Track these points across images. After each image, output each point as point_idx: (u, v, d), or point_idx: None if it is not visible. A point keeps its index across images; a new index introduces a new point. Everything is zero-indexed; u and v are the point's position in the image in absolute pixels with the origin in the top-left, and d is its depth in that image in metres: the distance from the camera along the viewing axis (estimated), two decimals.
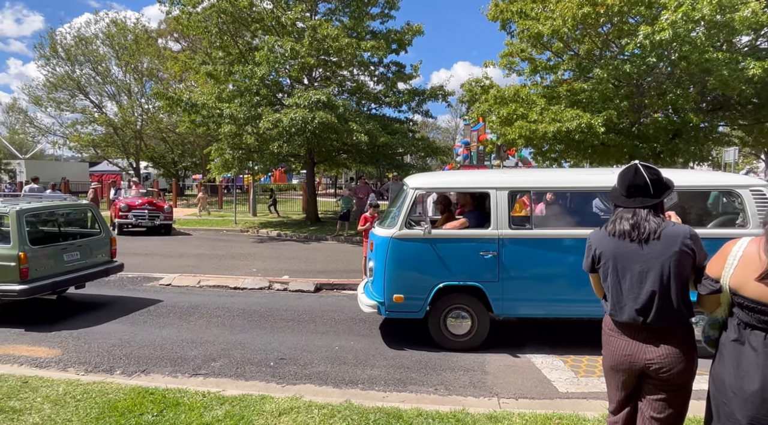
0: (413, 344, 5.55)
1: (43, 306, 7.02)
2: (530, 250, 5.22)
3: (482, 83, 15.66)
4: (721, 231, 5.10)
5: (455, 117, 59.81)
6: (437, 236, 5.32)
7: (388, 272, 5.31)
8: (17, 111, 34.68)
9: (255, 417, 3.66)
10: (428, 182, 5.80)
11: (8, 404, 3.82)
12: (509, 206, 5.27)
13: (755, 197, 4.94)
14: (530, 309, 5.45)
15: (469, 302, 5.36)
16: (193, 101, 15.23)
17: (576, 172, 6.31)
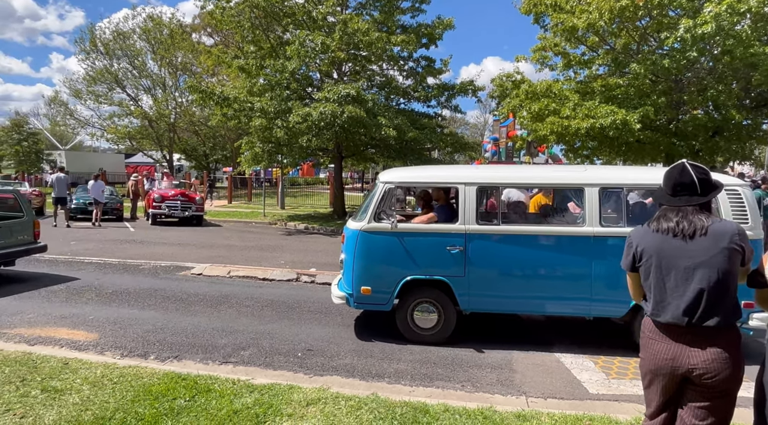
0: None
1: (82, 292, 7.28)
2: (497, 246, 5.22)
3: (513, 78, 15.41)
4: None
5: (484, 113, 59.16)
6: (404, 230, 5.35)
7: (357, 264, 5.38)
8: (59, 103, 36.02)
9: (283, 406, 3.71)
10: (398, 176, 5.80)
11: (51, 384, 3.98)
12: (477, 202, 5.26)
13: (730, 197, 4.81)
14: (496, 305, 5.44)
15: (435, 296, 5.37)
16: (225, 95, 15.49)
17: (545, 169, 6.27)
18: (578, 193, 5.22)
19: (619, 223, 5.08)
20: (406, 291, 5.38)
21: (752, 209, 4.81)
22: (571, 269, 5.10)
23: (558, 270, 5.16)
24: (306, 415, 3.60)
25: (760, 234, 4.81)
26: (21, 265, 9.00)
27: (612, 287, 4.98)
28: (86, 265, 9.26)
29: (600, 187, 5.05)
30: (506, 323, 6.29)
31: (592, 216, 5.02)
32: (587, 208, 5.05)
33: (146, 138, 33.58)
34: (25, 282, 7.74)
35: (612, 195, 5.22)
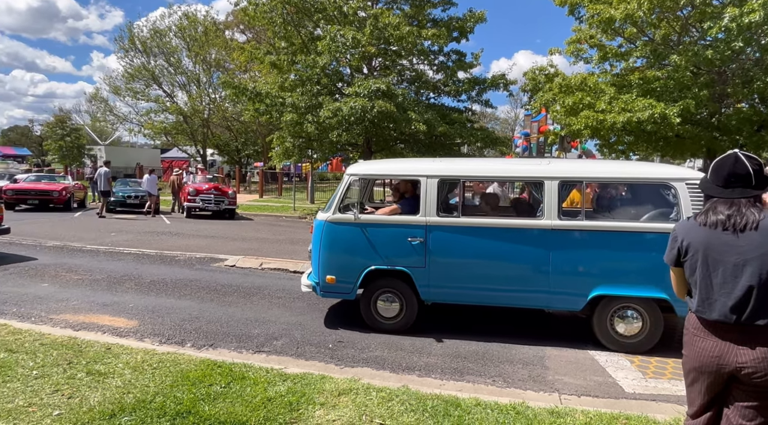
0: (470, 334, 5.51)
1: (122, 281, 7.55)
2: (456, 237, 5.27)
3: (546, 71, 15.11)
4: (652, 226, 4.92)
5: (515, 107, 58.16)
6: (367, 221, 5.46)
7: (322, 254, 5.54)
8: (99, 100, 37.31)
9: (316, 395, 3.77)
10: (364, 169, 5.90)
11: (95, 367, 4.16)
12: (438, 194, 5.29)
13: (690, 191, 4.75)
14: (456, 296, 5.49)
15: (397, 286, 5.46)
16: (258, 90, 15.74)
17: (507, 162, 6.31)
18: (538, 186, 5.23)
19: (578, 216, 5.12)
20: (370, 281, 5.50)
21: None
22: (530, 261, 5.12)
23: (517, 263, 5.18)
24: (338, 405, 3.65)
25: None
26: (67, 255, 9.41)
27: (570, 280, 5.04)
28: (125, 255, 9.59)
29: (559, 180, 5.08)
30: (538, 318, 6.21)
31: (551, 209, 5.03)
32: (546, 201, 5.07)
33: (181, 133, 34.45)
34: (71, 271, 8.08)
35: (572, 188, 5.16)
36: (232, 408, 3.53)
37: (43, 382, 3.84)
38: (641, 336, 4.99)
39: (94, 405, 3.51)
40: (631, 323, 5.00)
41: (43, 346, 4.59)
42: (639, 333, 4.99)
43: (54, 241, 10.80)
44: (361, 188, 5.65)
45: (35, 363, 4.19)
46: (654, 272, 4.77)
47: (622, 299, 5.00)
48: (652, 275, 4.79)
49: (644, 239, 4.88)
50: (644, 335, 4.99)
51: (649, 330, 4.97)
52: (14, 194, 16.78)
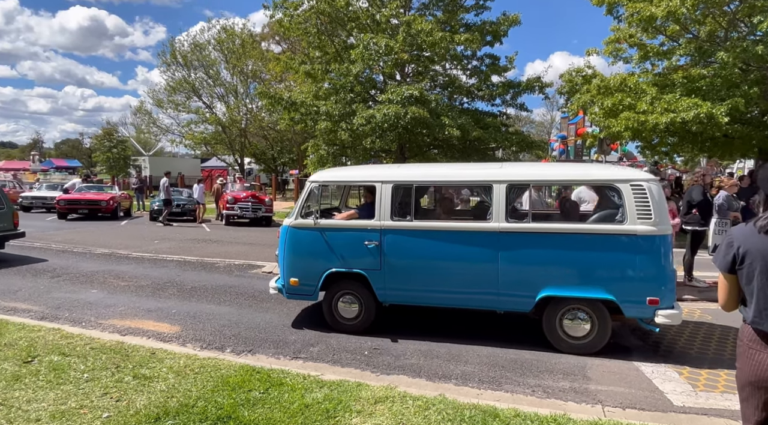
0: (506, 342, 5.41)
1: (165, 288, 7.81)
2: (409, 241, 5.40)
3: (584, 73, 14.76)
4: (603, 227, 4.94)
5: (551, 110, 57.03)
6: (326, 225, 5.65)
7: (286, 257, 5.79)
8: (143, 113, 38.86)
9: (352, 403, 3.78)
10: (324, 176, 6.14)
11: (141, 371, 4.31)
12: (393, 199, 5.43)
13: (634, 192, 4.76)
14: (410, 298, 5.59)
15: (356, 288, 5.64)
16: (293, 100, 16.05)
17: (459, 167, 6.56)
18: (488, 190, 5.29)
19: (524, 219, 5.18)
20: (331, 283, 5.70)
21: (657, 204, 4.73)
22: (479, 264, 5.20)
23: (467, 265, 5.25)
24: (374, 413, 3.65)
25: (665, 230, 4.76)
26: (114, 262, 9.82)
27: (518, 281, 5.10)
28: (168, 262, 9.92)
29: (507, 184, 5.14)
30: None
31: (499, 212, 5.10)
32: (494, 204, 5.14)
33: (220, 143, 35.46)
34: (118, 278, 8.43)
35: (519, 191, 5.26)
36: (270, 414, 3.58)
37: (93, 385, 4.01)
38: (590, 338, 5.02)
39: (141, 408, 3.64)
40: (579, 324, 5.03)
41: (93, 350, 4.80)
42: (588, 334, 5.03)
43: (102, 248, 11.30)
44: (327, 194, 5.85)
45: (86, 367, 4.38)
46: (600, 273, 4.85)
47: (570, 301, 5.03)
48: (599, 276, 4.86)
49: (590, 240, 4.92)
50: (593, 336, 5.02)
51: (598, 332, 5.00)
52: (66, 204, 17.68)
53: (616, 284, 4.82)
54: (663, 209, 4.80)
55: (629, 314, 4.87)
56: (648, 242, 4.74)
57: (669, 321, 4.73)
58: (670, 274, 4.79)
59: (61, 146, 74.58)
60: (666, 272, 4.77)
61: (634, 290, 4.79)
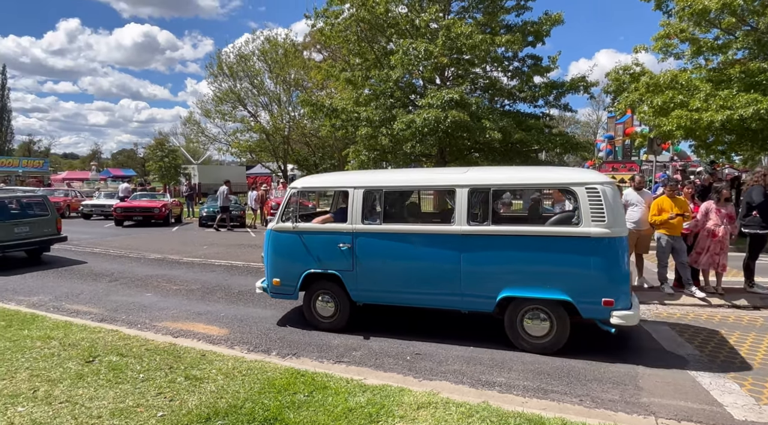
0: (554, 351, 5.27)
1: (214, 291, 8.10)
2: (378, 243, 5.64)
3: (631, 70, 14.24)
4: (558, 230, 5.08)
5: (597, 110, 55.26)
6: (303, 229, 5.98)
7: (269, 259, 6.17)
8: (192, 123, 40.41)
9: (395, 408, 3.80)
10: (303, 183, 6.45)
11: (192, 372, 4.49)
12: (364, 203, 5.69)
13: (589, 195, 4.85)
14: (380, 298, 5.83)
15: (332, 288, 5.95)
16: (334, 106, 16.30)
17: (426, 172, 6.71)
18: (451, 194, 5.47)
19: (485, 222, 5.24)
20: (310, 283, 6.03)
21: (611, 206, 4.81)
22: (443, 265, 5.37)
23: (431, 266, 5.44)
24: (417, 418, 3.65)
25: (619, 232, 4.83)
26: (167, 267, 10.26)
27: (479, 282, 5.26)
28: (216, 267, 10.28)
29: (469, 188, 5.31)
30: (630, 336, 5.81)
31: (461, 215, 5.28)
32: (457, 207, 5.32)
33: (264, 150, 36.41)
34: (170, 282, 8.81)
35: (480, 195, 5.37)
36: (315, 416, 3.65)
37: (148, 385, 4.21)
38: (549, 337, 5.15)
39: (192, 408, 3.79)
40: (539, 324, 5.16)
41: (148, 351, 5.04)
42: (547, 334, 5.16)
43: (155, 254, 11.84)
44: (292, 200, 6.14)
45: (141, 367, 4.60)
46: (557, 275, 4.97)
47: (530, 301, 5.16)
48: (556, 277, 4.97)
49: (547, 242, 5.04)
50: (552, 336, 5.14)
51: (557, 332, 5.11)
52: (122, 212, 18.66)
53: (572, 285, 4.94)
54: (617, 211, 4.88)
55: (586, 315, 4.97)
56: (602, 244, 4.83)
57: (624, 321, 4.81)
58: (624, 276, 4.89)
59: (118, 156, 78.75)
60: (620, 273, 4.87)
61: (589, 291, 4.89)
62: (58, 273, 9.54)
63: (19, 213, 10.61)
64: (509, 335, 5.32)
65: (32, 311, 6.63)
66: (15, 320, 6.12)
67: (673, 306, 7.08)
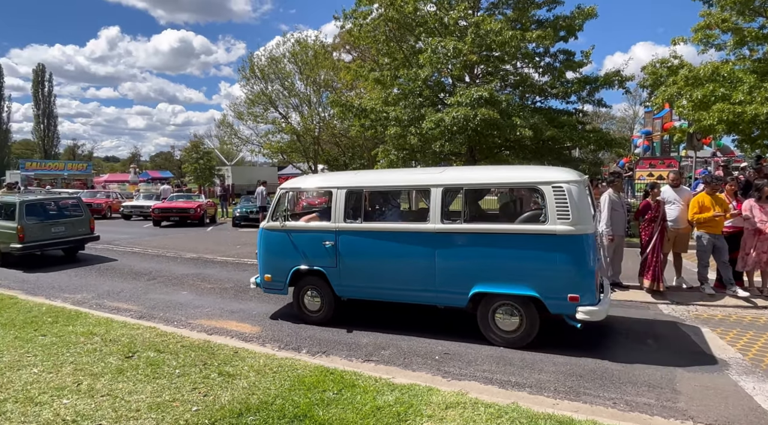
0: (584, 351, 5.17)
1: (246, 290, 8.28)
2: (359, 240, 5.89)
3: (669, 63, 13.73)
4: (526, 227, 5.24)
5: (633, 105, 53.58)
6: (291, 227, 6.27)
7: (261, 256, 6.52)
8: (225, 125, 41.42)
9: (423, 407, 3.80)
10: (291, 184, 6.76)
11: (225, 369, 4.61)
12: (346, 202, 5.94)
13: (555, 193, 4.96)
14: (362, 293, 6.10)
15: (318, 284, 6.24)
16: (363, 107, 16.37)
17: (403, 172, 7.03)
18: (426, 193, 5.66)
19: (457, 220, 5.42)
20: (298, 279, 6.33)
21: (576, 205, 4.90)
22: (419, 262, 5.58)
23: (408, 263, 5.66)
24: (445, 418, 3.64)
25: (583, 230, 4.91)
26: (201, 266, 10.55)
27: (452, 278, 5.45)
28: (249, 266, 10.50)
29: (443, 188, 5.51)
30: (668, 339, 5.63)
31: (436, 214, 5.46)
32: (431, 206, 5.50)
33: (295, 151, 36.93)
34: (205, 280, 9.06)
35: (454, 194, 5.58)
36: (344, 414, 3.69)
37: (183, 380, 4.35)
38: (519, 332, 5.31)
39: (225, 403, 3.90)
40: (509, 319, 5.33)
41: (184, 348, 5.20)
42: (517, 328, 5.31)
43: (191, 253, 12.19)
44: (281, 200, 6.45)
45: (177, 363, 4.76)
46: (526, 271, 5.11)
47: (501, 297, 5.32)
48: (525, 274, 5.13)
49: (516, 240, 5.19)
50: (522, 331, 5.29)
51: (526, 326, 5.27)
52: (160, 212, 19.31)
53: (540, 281, 5.09)
54: (583, 209, 4.97)
55: (553, 310, 5.11)
56: (567, 241, 4.95)
57: (588, 317, 4.93)
58: (589, 272, 4.98)
59: (156, 158, 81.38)
60: (584, 270, 4.97)
61: (555, 287, 5.02)
62: (100, 272, 9.95)
63: (56, 214, 11.34)
64: (482, 329, 5.49)
65: (76, 308, 6.95)
66: (61, 316, 6.42)
67: (714, 307, 6.82)
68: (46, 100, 70.32)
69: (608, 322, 6.17)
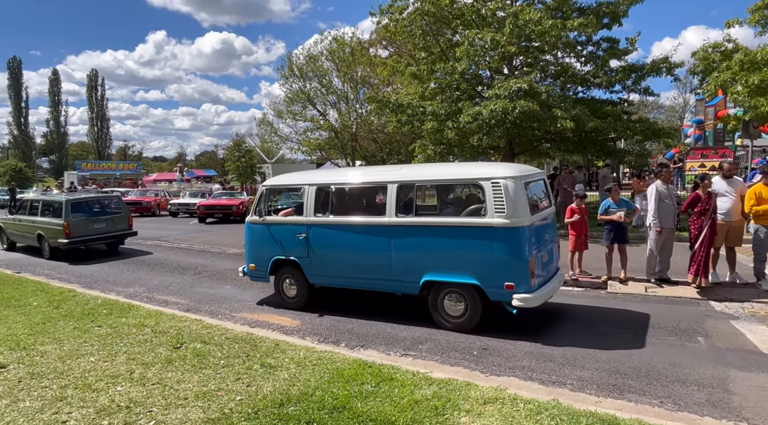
0: (629, 347, 5.00)
1: None
2: (327, 233, 6.44)
3: (723, 47, 12.99)
4: (467, 220, 5.62)
5: (684, 93, 51.05)
6: (270, 221, 6.92)
7: (246, 247, 7.24)
8: (266, 124, 42.30)
9: (461, 402, 3.79)
10: (271, 182, 7.50)
11: (267, 360, 4.75)
12: (316, 198, 6.52)
13: (493, 189, 5.34)
14: (331, 281, 6.67)
15: (293, 272, 6.83)
16: (400, 102, 16.36)
17: (366, 170, 7.60)
18: (384, 189, 6.10)
19: (409, 214, 5.87)
20: (278, 268, 6.93)
21: (511, 199, 5.27)
22: (378, 252, 6.04)
23: (369, 253, 6.14)
24: (484, 413, 3.62)
25: (518, 223, 5.26)
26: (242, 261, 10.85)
27: (406, 267, 5.90)
28: None
29: (397, 184, 5.96)
30: (721, 337, 5.37)
31: (391, 208, 5.91)
32: (388, 201, 5.97)
33: (333, 148, 37.34)
34: None
35: (407, 190, 6.04)
36: (382, 407, 3.73)
37: (228, 371, 4.51)
38: (465, 317, 5.72)
39: (267, 394, 4.02)
40: (455, 305, 5.75)
41: (228, 340, 5.39)
42: (463, 314, 5.73)
43: (234, 249, 12.56)
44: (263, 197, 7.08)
45: (222, 354, 4.94)
46: (469, 261, 5.51)
47: (448, 285, 5.73)
48: (467, 263, 5.52)
49: (459, 232, 5.58)
50: (467, 316, 5.71)
51: (470, 312, 5.67)
52: (205, 210, 20.01)
53: (480, 270, 5.47)
54: (518, 204, 5.30)
55: (492, 297, 5.49)
56: (503, 233, 5.31)
57: (523, 304, 5.28)
58: (523, 262, 5.30)
59: (200, 157, 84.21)
60: (519, 260, 5.31)
61: (493, 276, 5.40)
62: (150, 267, 10.42)
63: (99, 211, 12.26)
64: (432, 315, 5.91)
65: (128, 301, 7.31)
66: (115, 309, 6.78)
67: None
68: (99, 103, 74.12)
69: (655, 319, 5.96)
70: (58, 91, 73.06)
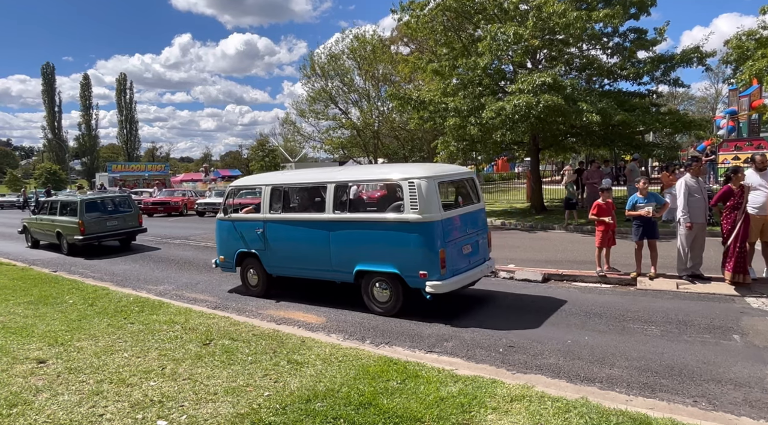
0: (662, 346, 4.89)
1: (313, 284, 8.56)
2: (279, 227, 7.18)
3: (757, 35, 12.56)
4: (388, 216, 6.23)
5: (716, 83, 49.39)
6: (234, 218, 7.75)
7: (217, 241, 8.06)
8: (288, 123, 42.74)
9: (487, 399, 3.77)
10: (236, 183, 8.72)
11: (293, 357, 4.81)
12: (271, 197, 7.25)
13: (409, 188, 5.94)
14: (285, 271, 7.37)
15: (254, 263, 7.60)
16: (421, 99, 16.28)
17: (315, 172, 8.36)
18: (324, 189, 6.79)
19: (344, 210, 6.54)
20: (243, 260, 7.72)
21: (423, 197, 5.86)
22: (319, 245, 6.72)
23: (313, 246, 6.81)
24: (510, 411, 3.59)
25: (429, 218, 5.84)
26: None
27: (342, 259, 6.56)
28: None
29: (335, 184, 6.65)
30: (758, 335, 5.20)
31: (330, 205, 6.60)
32: (327, 199, 6.65)
33: (355, 146, 37.47)
34: None
35: (342, 189, 6.68)
36: (407, 403, 3.74)
37: (255, 367, 4.59)
38: (390, 303, 6.37)
39: (294, 390, 4.08)
40: (382, 292, 6.41)
41: (255, 336, 5.48)
42: (388, 300, 6.37)
43: None
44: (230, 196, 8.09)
45: (250, 351, 5.02)
46: (390, 252, 6.15)
47: (375, 274, 6.36)
48: (390, 255, 6.15)
49: (383, 226, 6.21)
50: (392, 301, 6.36)
51: (394, 298, 6.33)
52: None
53: (400, 261, 6.09)
54: (430, 201, 5.87)
55: (411, 284, 6.08)
56: (417, 227, 5.90)
57: (434, 290, 5.85)
58: (435, 253, 5.86)
59: (225, 157, 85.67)
60: (431, 251, 5.87)
61: (410, 265, 6.01)
62: (179, 265, 10.67)
63: (111, 210, 13.10)
64: (365, 301, 6.54)
65: (159, 299, 7.50)
66: (146, 306, 6.97)
67: None
68: (128, 106, 76.05)
69: (688, 316, 5.81)
70: (89, 96, 75.25)
